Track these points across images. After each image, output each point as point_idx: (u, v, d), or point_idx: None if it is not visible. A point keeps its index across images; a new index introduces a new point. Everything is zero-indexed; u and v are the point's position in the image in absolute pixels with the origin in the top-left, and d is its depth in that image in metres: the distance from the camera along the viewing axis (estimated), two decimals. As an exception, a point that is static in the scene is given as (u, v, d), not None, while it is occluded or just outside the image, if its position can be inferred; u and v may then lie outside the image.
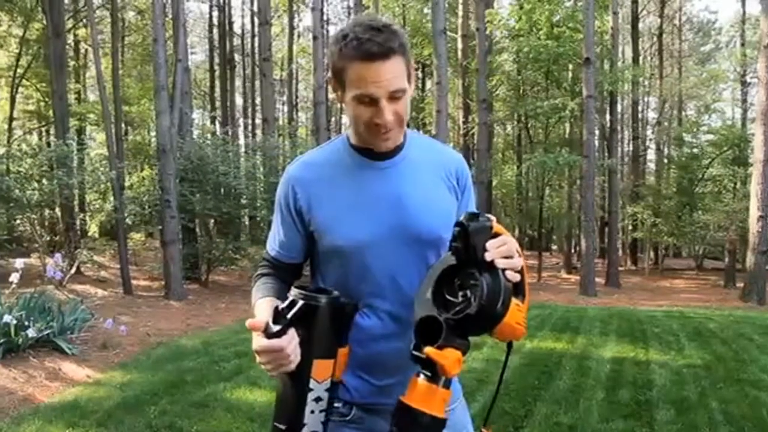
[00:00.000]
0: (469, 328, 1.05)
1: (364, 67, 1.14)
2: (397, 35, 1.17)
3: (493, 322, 1.03)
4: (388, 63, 1.14)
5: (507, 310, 1.03)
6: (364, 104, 1.18)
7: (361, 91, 1.16)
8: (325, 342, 1.11)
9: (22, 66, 18.14)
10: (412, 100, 1.35)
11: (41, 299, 5.94)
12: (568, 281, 15.58)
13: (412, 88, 1.26)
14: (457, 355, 1.02)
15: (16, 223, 11.46)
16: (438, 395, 1.04)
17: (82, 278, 10.97)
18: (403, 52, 1.18)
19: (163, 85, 9.61)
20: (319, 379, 1.08)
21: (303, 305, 1.08)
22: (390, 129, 1.21)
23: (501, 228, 1.09)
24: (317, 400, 1.07)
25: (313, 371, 1.08)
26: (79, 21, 19.80)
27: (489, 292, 1.02)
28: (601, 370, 5.14)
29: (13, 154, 10.22)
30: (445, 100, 12.74)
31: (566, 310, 9.16)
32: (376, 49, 1.13)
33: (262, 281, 1.35)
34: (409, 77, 1.22)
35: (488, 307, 1.02)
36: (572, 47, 13.99)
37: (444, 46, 12.39)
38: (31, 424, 3.74)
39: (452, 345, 1.04)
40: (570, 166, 14.42)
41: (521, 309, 1.09)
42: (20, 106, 20.89)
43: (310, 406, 1.07)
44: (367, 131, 1.23)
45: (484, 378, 4.81)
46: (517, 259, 1.06)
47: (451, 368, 1.03)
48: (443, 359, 1.02)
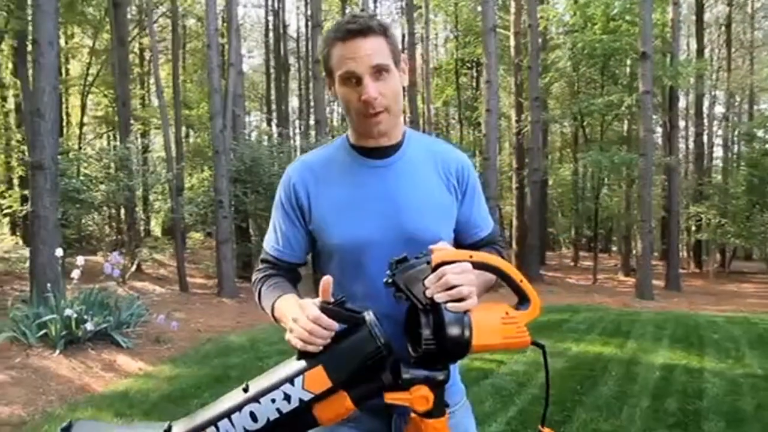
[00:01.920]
0: (437, 361, 1.07)
1: (344, 46, 1.20)
2: (378, 20, 1.23)
3: (458, 351, 1.05)
4: (366, 40, 1.19)
5: (469, 336, 1.03)
6: (349, 85, 1.21)
7: (343, 69, 1.20)
8: (339, 361, 1.03)
9: (92, 74, 19.19)
10: (467, 98, 1.36)
11: (100, 295, 6.28)
12: (624, 284, 15.03)
13: (403, 80, 1.28)
14: (421, 391, 1.04)
15: (84, 222, 12.14)
16: (442, 425, 1.08)
17: (142, 276, 11.50)
18: (384, 33, 1.22)
19: (216, 89, 9.94)
20: (306, 384, 1.01)
21: (351, 312, 1.06)
22: (378, 107, 1.21)
23: (447, 253, 1.08)
24: (287, 398, 1.00)
25: (308, 373, 1.02)
26: (143, 30, 20.72)
27: (438, 329, 1.04)
28: (649, 376, 4.94)
29: (79, 157, 10.81)
30: (496, 98, 12.57)
31: (619, 313, 8.85)
32: (354, 27, 1.19)
33: (273, 281, 1.35)
34: (397, 62, 1.24)
35: (447, 342, 1.03)
36: (629, 41, 13.48)
37: (494, 44, 12.22)
38: (84, 411, 3.97)
39: (419, 380, 1.06)
40: (627, 164, 13.90)
41: (515, 320, 1.08)
42: (91, 113, 22.10)
43: (278, 395, 1.00)
44: (358, 117, 1.24)
45: (525, 381, 4.74)
46: (464, 286, 1.05)
47: (419, 405, 1.05)
48: (406, 401, 1.05)
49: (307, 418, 1.03)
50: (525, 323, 1.10)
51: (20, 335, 5.46)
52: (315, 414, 1.03)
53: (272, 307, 1.29)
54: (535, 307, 1.12)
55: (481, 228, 1.41)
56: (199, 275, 12.53)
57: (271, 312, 1.30)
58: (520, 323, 1.08)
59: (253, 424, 0.99)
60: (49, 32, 6.63)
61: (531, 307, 1.12)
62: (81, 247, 12.04)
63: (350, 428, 1.30)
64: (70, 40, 20.42)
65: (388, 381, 1.06)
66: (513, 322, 1.08)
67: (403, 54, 1.28)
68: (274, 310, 1.28)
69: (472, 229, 1.40)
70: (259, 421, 0.99)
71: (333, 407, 1.04)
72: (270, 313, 1.31)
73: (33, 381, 4.61)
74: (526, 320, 1.10)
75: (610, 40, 13.44)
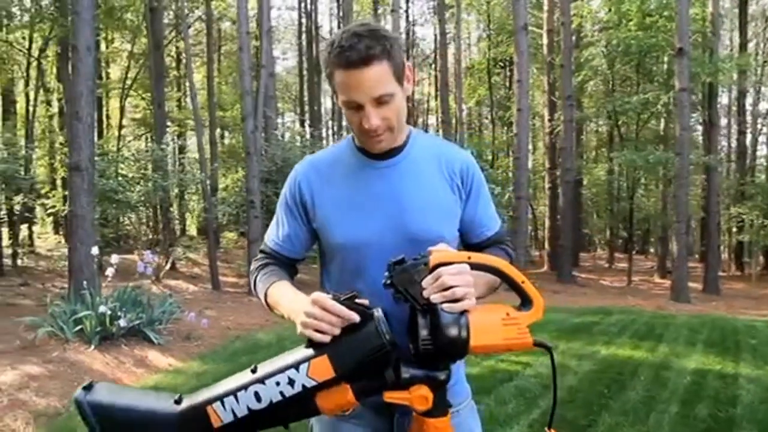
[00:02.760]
0: (437, 361, 1.08)
1: (345, 75, 1.18)
2: (381, 40, 1.18)
3: (455, 352, 1.07)
4: (368, 70, 1.16)
5: (467, 337, 1.04)
6: (352, 109, 1.22)
7: (346, 97, 1.20)
8: (344, 353, 1.04)
9: (130, 78, 19.74)
10: (499, 98, 1.36)
11: (134, 292, 6.46)
12: (660, 286, 14.65)
13: (407, 89, 1.27)
14: (420, 391, 1.05)
15: (122, 222, 12.51)
16: (444, 424, 1.10)
17: (177, 274, 11.77)
18: (387, 56, 1.18)
19: (247, 91, 10.10)
20: (311, 371, 1.03)
21: (361, 307, 1.07)
22: (380, 133, 1.23)
23: (445, 254, 1.09)
24: (291, 383, 1.02)
25: (313, 362, 1.04)
26: (179, 34, 21.20)
27: (435, 329, 1.05)
28: (680, 381, 4.82)
29: (115, 159, 11.14)
30: (527, 98, 12.43)
31: (652, 316, 8.63)
32: (354, 57, 1.15)
33: (270, 269, 1.37)
34: (401, 79, 1.23)
35: (443, 343, 1.04)
36: (665, 37, 13.13)
37: (525, 42, 12.08)
38: (114, 406, 4.10)
39: (419, 379, 1.07)
40: (663, 164, 13.54)
41: (516, 321, 1.08)
42: (129, 115, 22.73)
43: (282, 379, 1.03)
44: (359, 134, 1.27)
45: (549, 383, 4.64)
46: (460, 287, 1.05)
47: (418, 405, 1.06)
48: (405, 400, 1.06)
49: (309, 406, 1.06)
50: (527, 324, 1.09)
51: (58, 330, 5.67)
52: (317, 402, 1.06)
53: (266, 293, 1.31)
54: (538, 308, 1.10)
55: (488, 227, 1.41)
56: (232, 274, 12.75)
57: (264, 298, 1.33)
58: (521, 324, 1.08)
59: (257, 404, 1.02)
60: (87, 38, 6.84)
61: (534, 308, 1.10)
62: (119, 245, 12.41)
63: (354, 425, 1.33)
64: (110, 45, 21.06)
65: (390, 378, 1.07)
66: (514, 323, 1.07)
67: (407, 63, 1.26)
68: (268, 296, 1.31)
69: (478, 229, 1.40)
70: (263, 402, 1.02)
71: (335, 398, 1.05)
72: (263, 299, 1.33)
73: (69, 374, 4.78)
74: (529, 321, 1.09)
75: (645, 37, 13.12)
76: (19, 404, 4.07)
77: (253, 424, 1.06)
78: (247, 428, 1.06)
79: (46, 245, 15.94)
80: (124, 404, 1.05)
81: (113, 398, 1.06)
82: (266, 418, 1.05)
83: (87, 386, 1.07)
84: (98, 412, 1.03)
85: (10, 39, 15.81)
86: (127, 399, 1.06)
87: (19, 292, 8.99)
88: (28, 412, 3.93)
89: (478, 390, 4.76)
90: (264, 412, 1.03)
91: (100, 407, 1.03)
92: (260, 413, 1.03)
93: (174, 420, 1.03)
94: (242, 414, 1.03)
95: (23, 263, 11.68)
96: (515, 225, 12.52)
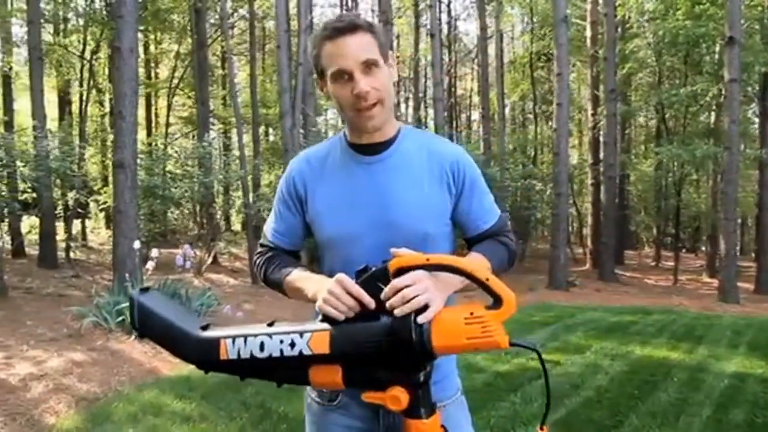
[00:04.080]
0: (403, 362, 1.09)
1: (333, 45, 1.25)
2: (364, 19, 1.28)
3: (419, 354, 1.07)
4: (354, 37, 1.24)
5: (428, 338, 1.06)
6: (341, 82, 1.25)
7: (334, 67, 1.25)
8: (344, 335, 1.11)
9: (177, 77, 20.35)
10: (543, 92, 1.38)
11: (173, 285, 6.70)
12: (709, 286, 14.10)
13: (393, 74, 1.31)
14: (394, 391, 1.08)
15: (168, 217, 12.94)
16: (427, 425, 1.11)
17: (218, 268, 12.11)
18: (370, 30, 1.26)
19: (285, 88, 10.28)
20: (311, 341, 1.10)
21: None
22: (371, 100, 1.25)
23: (404, 259, 1.10)
24: (292, 345, 1.10)
25: (315, 334, 1.11)
26: (223, 33, 21.69)
27: (396, 333, 1.07)
28: (716, 385, 4.66)
29: (160, 156, 11.53)
30: (566, 92, 12.16)
31: (695, 317, 8.35)
32: (340, 25, 1.24)
33: (280, 259, 1.42)
34: (385, 56, 1.28)
35: (406, 346, 1.06)
36: (716, 26, 12.59)
37: (565, 35, 11.83)
38: (149, 392, 4.29)
39: (396, 380, 1.09)
40: (712, 159, 13.01)
41: (480, 319, 1.06)
42: (176, 113, 23.43)
43: (286, 339, 1.11)
44: (352, 112, 1.28)
45: (578, 383, 4.61)
46: (421, 296, 1.07)
47: (392, 405, 1.09)
48: (379, 400, 1.10)
49: (301, 374, 1.14)
50: (496, 322, 1.06)
51: (102, 320, 5.95)
52: (309, 374, 1.13)
53: (284, 280, 1.35)
54: (508, 304, 1.07)
55: (484, 221, 1.40)
56: (272, 268, 13.00)
57: (281, 285, 1.37)
58: (486, 323, 1.06)
59: (259, 353, 1.13)
60: (130, 40, 7.12)
61: (503, 305, 1.08)
62: (165, 240, 12.86)
63: (341, 415, 1.37)
64: (158, 46, 21.77)
65: (380, 376, 1.10)
66: (477, 322, 1.06)
67: (390, 51, 1.32)
68: (287, 283, 1.35)
69: (474, 222, 1.40)
70: (264, 352, 1.12)
71: (325, 375, 1.12)
72: (280, 286, 1.37)
73: (109, 362, 5.01)
74: (498, 319, 1.06)
75: (694, 26, 12.60)
76: (63, 388, 4.31)
77: (251, 370, 1.16)
78: (245, 371, 1.17)
79: (98, 239, 16.66)
80: (163, 315, 1.22)
81: (158, 308, 1.23)
82: (263, 369, 1.15)
83: (144, 289, 1.27)
84: (142, 312, 1.22)
85: (65, 43, 16.56)
86: (168, 312, 1.23)
87: (71, 283, 9.44)
88: (71, 396, 4.15)
89: (505, 387, 4.72)
90: (262, 362, 1.13)
91: (146, 309, 1.22)
92: (259, 362, 1.13)
93: (194, 341, 1.18)
94: (245, 356, 1.13)
95: (75, 256, 12.24)
96: (555, 222, 12.30)
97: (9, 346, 5.42)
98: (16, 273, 9.97)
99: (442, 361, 1.35)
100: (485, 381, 4.62)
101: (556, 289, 11.59)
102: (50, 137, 10.49)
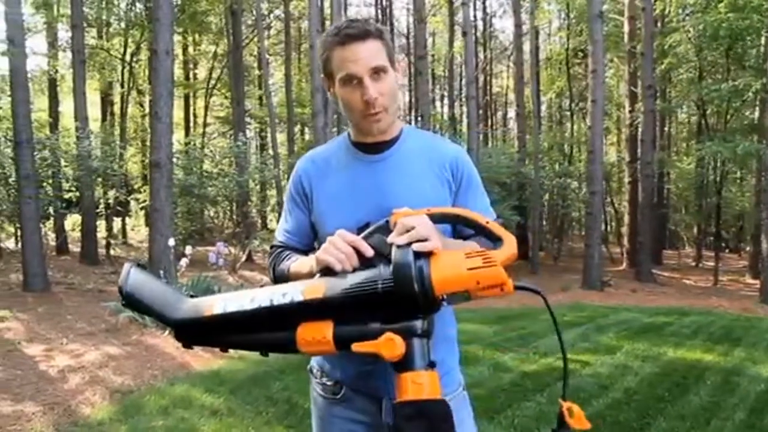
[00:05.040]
0: (400, 308, 1.00)
1: (344, 50, 1.28)
2: (374, 24, 1.31)
3: (419, 289, 0.99)
4: (364, 43, 1.27)
5: (428, 271, 0.99)
6: (350, 86, 1.29)
7: (344, 72, 1.28)
8: (339, 283, 1.05)
9: (214, 78, 20.80)
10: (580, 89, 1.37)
11: (207, 282, 6.86)
12: (751, 287, 13.62)
13: (398, 78, 1.35)
14: (388, 335, 0.97)
15: (205, 215, 13.25)
16: (424, 379, 0.97)
17: (253, 266, 12.33)
18: (380, 36, 1.30)
19: (318, 88, 10.39)
20: (304, 289, 1.05)
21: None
22: (378, 108, 1.29)
23: (405, 212, 1.11)
24: (283, 294, 1.04)
25: (309, 282, 1.08)
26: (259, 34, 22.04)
27: (395, 268, 1.01)
28: (751, 389, 4.51)
29: (197, 156, 11.81)
30: (602, 89, 11.92)
31: (734, 318, 8.09)
32: (352, 32, 1.27)
33: (289, 254, 1.44)
34: (393, 62, 1.32)
35: (405, 279, 0.99)
36: (760, 18, 12.12)
37: (600, 31, 11.59)
38: (180, 385, 4.41)
39: (392, 329, 0.99)
40: (755, 156, 12.54)
41: (482, 253, 1.00)
42: (214, 113, 23.94)
43: (277, 290, 1.06)
44: (359, 116, 1.32)
45: (607, 384, 4.54)
46: (421, 228, 1.05)
47: (386, 351, 0.97)
48: (372, 347, 0.98)
49: (289, 334, 1.05)
50: (499, 260, 0.99)
51: (138, 316, 6.14)
52: (297, 332, 1.04)
53: (289, 268, 1.36)
54: (509, 244, 1.04)
55: None
56: (305, 266, 13.14)
57: (286, 275, 1.37)
58: (487, 255, 0.99)
59: (249, 305, 1.05)
60: (166, 42, 7.32)
61: (504, 244, 1.04)
62: (202, 238, 13.17)
63: (344, 408, 1.40)
64: (196, 48, 22.28)
65: (372, 331, 1.01)
66: (478, 255, 0.99)
67: (397, 56, 1.35)
68: (291, 268, 1.35)
69: None
70: (253, 304, 1.05)
71: (314, 331, 1.03)
72: (283, 275, 1.37)
73: (143, 356, 5.18)
74: (499, 258, 1.00)
75: (737, 18, 12.16)
76: (99, 381, 4.48)
77: (236, 329, 1.07)
78: (229, 331, 1.08)
79: (137, 237, 17.17)
80: (155, 284, 1.17)
81: (150, 278, 1.18)
82: (247, 328, 1.07)
83: (140, 264, 1.21)
84: (134, 279, 1.16)
85: (107, 46, 17.12)
86: (159, 284, 1.18)
87: (110, 279, 9.77)
88: (105, 388, 4.31)
89: (532, 387, 4.69)
90: (249, 317, 1.05)
91: (137, 276, 1.17)
92: (246, 317, 1.05)
93: (182, 302, 1.12)
94: (232, 309, 1.06)
95: (116, 253, 12.65)
96: (589, 221, 12.09)
97: (50, 339, 5.66)
98: (59, 269, 10.38)
99: (445, 357, 1.37)
100: (512, 381, 4.59)
101: (590, 288, 11.39)
102: (92, 138, 10.87)
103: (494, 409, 3.90)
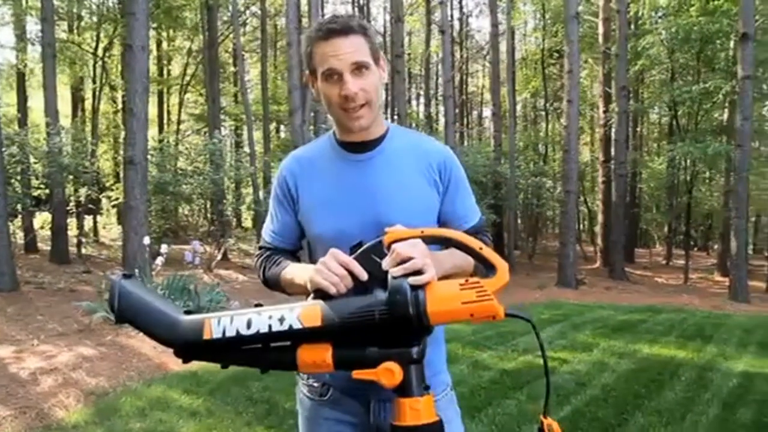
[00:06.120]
0: (401, 335, 1.05)
1: (326, 45, 1.26)
2: (358, 20, 1.29)
3: (414, 320, 1.02)
4: (347, 39, 1.26)
5: (424, 300, 1.02)
6: (331, 82, 1.27)
7: (325, 66, 1.27)
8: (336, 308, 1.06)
9: (189, 74, 20.48)
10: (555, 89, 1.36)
11: (183, 281, 6.75)
12: (720, 285, 13.98)
13: (383, 76, 1.33)
14: (387, 365, 1.03)
15: (179, 213, 13.05)
16: (421, 405, 1.04)
17: (228, 264, 12.18)
18: (363, 32, 1.28)
19: (295, 85, 10.31)
20: (301, 314, 1.06)
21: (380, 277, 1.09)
22: (358, 103, 1.27)
23: (399, 232, 1.10)
24: (281, 320, 1.05)
25: (306, 307, 1.07)
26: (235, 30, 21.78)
27: (390, 297, 1.04)
28: (724, 384, 4.63)
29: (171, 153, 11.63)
30: (577, 89, 12.10)
31: (705, 315, 8.29)
32: (334, 27, 1.26)
33: (278, 258, 1.42)
34: (376, 60, 1.30)
35: (400, 310, 1.02)
36: (729, 22, 12.44)
37: (576, 32, 11.75)
38: (157, 387, 4.33)
39: (389, 356, 1.04)
40: (724, 156, 12.86)
41: (476, 285, 1.03)
42: (188, 110, 23.58)
43: (275, 314, 1.06)
44: (339, 111, 1.30)
45: (585, 381, 4.60)
46: (417, 259, 1.06)
47: (385, 380, 1.03)
48: (372, 375, 1.04)
49: (289, 355, 1.08)
50: (491, 290, 1.03)
51: (112, 315, 6.01)
52: (298, 353, 1.07)
53: (281, 275, 1.35)
54: (502, 272, 1.05)
55: (466, 220, 1.43)
56: (281, 265, 13.04)
57: (277, 281, 1.36)
58: (482, 288, 1.02)
59: (246, 330, 1.06)
60: (141, 38, 7.18)
61: (497, 273, 1.06)
62: (176, 236, 12.96)
63: (331, 409, 1.39)
64: (171, 43, 21.91)
65: (371, 355, 1.06)
66: (472, 288, 1.02)
67: (381, 53, 1.33)
68: (282, 276, 1.34)
69: (457, 221, 1.42)
70: (251, 329, 1.06)
71: (314, 354, 1.07)
72: (277, 282, 1.37)
73: (118, 357, 5.07)
74: (492, 287, 1.04)
75: (707, 22, 12.46)
76: (72, 383, 4.37)
77: (235, 351, 1.10)
78: (229, 353, 1.11)
79: (109, 235, 16.83)
80: (146, 299, 1.15)
81: (141, 292, 1.16)
82: (248, 351, 1.09)
83: (126, 275, 1.19)
84: (124, 295, 1.14)
85: (78, 40, 16.72)
86: (150, 297, 1.16)
87: (82, 278, 9.55)
88: (79, 390, 4.21)
89: (511, 384, 4.72)
90: (248, 341, 1.07)
91: (127, 292, 1.14)
92: (244, 340, 1.07)
93: (177, 322, 1.11)
94: (230, 334, 1.07)
95: (87, 252, 12.38)
96: (564, 220, 12.25)
97: (20, 340, 5.51)
98: (28, 268, 10.11)
99: (433, 358, 1.36)
100: (492, 378, 4.62)
101: (565, 287, 11.55)
102: (63, 134, 10.60)
103: (475, 407, 3.92)
